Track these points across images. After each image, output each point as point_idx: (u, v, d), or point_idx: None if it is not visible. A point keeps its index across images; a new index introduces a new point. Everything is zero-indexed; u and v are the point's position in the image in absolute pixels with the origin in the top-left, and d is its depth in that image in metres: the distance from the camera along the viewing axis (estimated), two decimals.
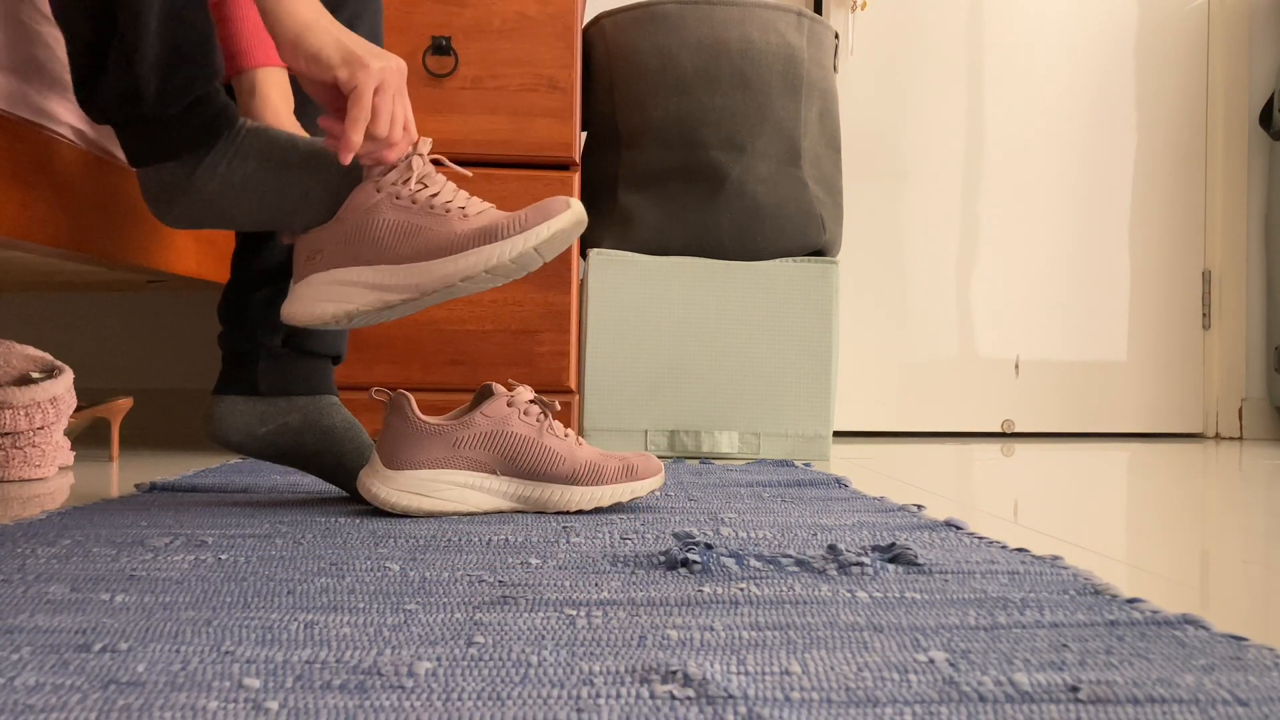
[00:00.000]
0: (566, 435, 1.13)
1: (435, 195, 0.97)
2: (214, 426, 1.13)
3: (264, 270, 1.14)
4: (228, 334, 1.15)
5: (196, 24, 0.93)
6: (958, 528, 0.98)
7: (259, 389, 1.13)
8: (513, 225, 0.95)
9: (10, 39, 1.00)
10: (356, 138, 0.92)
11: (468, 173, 1.05)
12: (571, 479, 1.06)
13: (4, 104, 1.01)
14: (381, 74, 0.93)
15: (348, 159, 0.93)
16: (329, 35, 0.92)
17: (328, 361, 1.16)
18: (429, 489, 1.03)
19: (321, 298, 0.98)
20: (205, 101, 0.95)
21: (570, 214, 0.98)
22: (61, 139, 1.11)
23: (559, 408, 1.15)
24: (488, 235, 0.95)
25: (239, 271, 1.16)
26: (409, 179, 0.97)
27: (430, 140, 1.00)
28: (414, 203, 0.96)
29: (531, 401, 1.14)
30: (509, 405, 1.05)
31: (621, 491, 1.08)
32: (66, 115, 1.10)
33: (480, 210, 0.98)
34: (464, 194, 0.99)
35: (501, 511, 1.06)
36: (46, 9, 1.05)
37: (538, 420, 1.13)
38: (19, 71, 1.02)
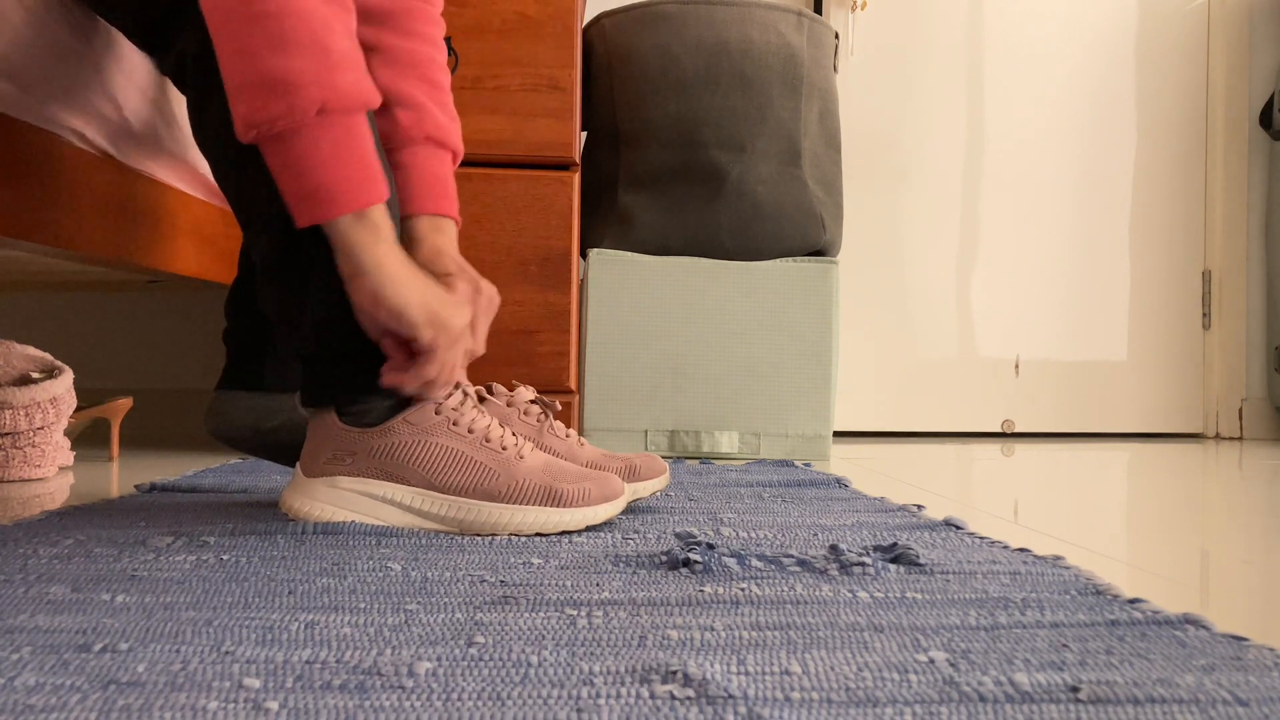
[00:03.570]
0: (568, 436, 1.13)
1: (489, 428, 0.95)
2: (217, 422, 1.13)
3: None
4: (233, 328, 1.15)
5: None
6: (958, 528, 0.98)
7: (264, 383, 1.13)
8: (577, 496, 0.93)
9: (8, 45, 1.00)
10: (414, 388, 0.91)
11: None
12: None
13: (3, 106, 1.01)
14: (461, 335, 0.92)
15: (406, 391, 0.92)
16: (415, 294, 0.89)
17: None
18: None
19: (347, 506, 0.93)
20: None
21: (624, 500, 0.98)
22: (62, 139, 1.11)
23: (560, 408, 1.15)
24: (552, 498, 0.93)
25: (246, 267, 1.16)
26: (468, 406, 0.96)
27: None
28: (470, 431, 0.94)
29: (532, 401, 1.14)
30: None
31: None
32: (67, 117, 1.10)
33: (532, 450, 0.97)
34: (498, 425, 0.97)
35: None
36: (55, 25, 1.04)
37: (537, 420, 1.13)
38: (17, 78, 1.02)
